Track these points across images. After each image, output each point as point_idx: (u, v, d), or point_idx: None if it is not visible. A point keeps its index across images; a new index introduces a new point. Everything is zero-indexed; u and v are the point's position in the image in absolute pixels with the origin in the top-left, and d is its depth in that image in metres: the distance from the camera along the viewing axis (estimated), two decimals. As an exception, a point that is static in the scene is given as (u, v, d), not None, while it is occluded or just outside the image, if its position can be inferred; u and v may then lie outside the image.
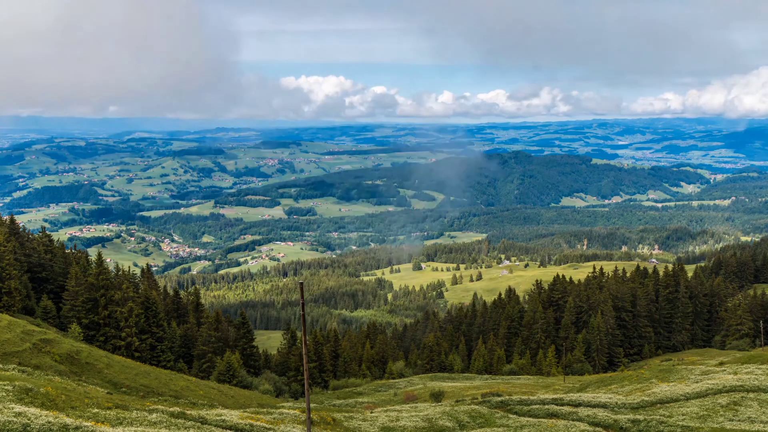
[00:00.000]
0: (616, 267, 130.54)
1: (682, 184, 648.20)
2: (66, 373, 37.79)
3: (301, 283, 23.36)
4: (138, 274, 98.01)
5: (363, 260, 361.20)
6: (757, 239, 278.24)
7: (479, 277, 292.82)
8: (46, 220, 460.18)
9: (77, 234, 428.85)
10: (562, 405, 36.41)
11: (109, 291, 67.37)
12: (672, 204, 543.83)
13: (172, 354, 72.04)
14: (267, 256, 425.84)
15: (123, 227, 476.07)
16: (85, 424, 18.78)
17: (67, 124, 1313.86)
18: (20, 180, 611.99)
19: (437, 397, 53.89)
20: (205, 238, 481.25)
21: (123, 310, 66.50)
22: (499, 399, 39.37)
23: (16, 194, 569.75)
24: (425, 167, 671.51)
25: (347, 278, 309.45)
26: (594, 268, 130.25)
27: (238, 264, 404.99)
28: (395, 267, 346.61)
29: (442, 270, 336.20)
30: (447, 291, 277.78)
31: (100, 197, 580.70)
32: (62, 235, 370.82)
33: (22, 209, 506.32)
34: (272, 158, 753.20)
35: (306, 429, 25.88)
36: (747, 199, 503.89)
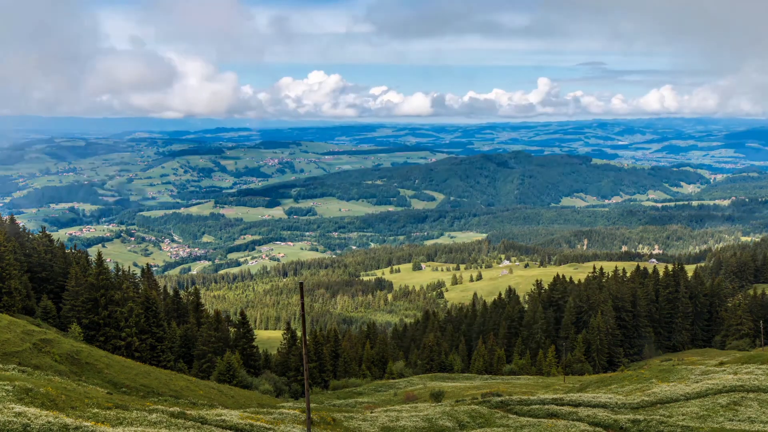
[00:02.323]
0: (616, 267, 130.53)
1: (682, 184, 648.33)
2: (66, 373, 37.79)
3: (301, 283, 23.35)
4: (138, 274, 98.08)
5: (363, 260, 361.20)
6: (757, 239, 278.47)
7: (479, 277, 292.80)
8: (46, 220, 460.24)
9: (77, 234, 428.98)
10: (562, 405, 36.40)
11: (109, 291, 67.36)
12: (672, 204, 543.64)
13: (172, 354, 72.02)
14: (267, 256, 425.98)
15: (123, 227, 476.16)
16: (85, 424, 18.78)
17: (67, 124, 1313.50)
18: (20, 180, 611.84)
19: (437, 397, 53.89)
20: (205, 238, 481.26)
21: (123, 310, 66.51)
22: (499, 399, 39.36)
23: (16, 194, 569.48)
24: (425, 167, 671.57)
25: (347, 278, 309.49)
26: (594, 268, 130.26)
27: (238, 264, 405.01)
28: (395, 267, 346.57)
29: (442, 270, 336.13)
30: (447, 291, 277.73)
31: (100, 197, 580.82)
32: (62, 235, 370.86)
33: (22, 209, 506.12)
34: (272, 158, 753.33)
35: (306, 429, 25.88)
36: (747, 199, 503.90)
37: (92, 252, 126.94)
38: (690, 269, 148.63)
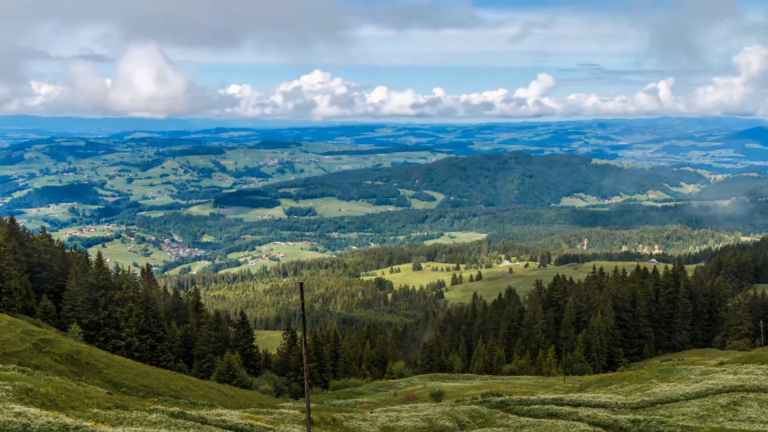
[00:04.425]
0: (616, 267, 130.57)
1: (682, 184, 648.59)
2: (66, 373, 37.79)
3: (301, 283, 23.36)
4: (138, 274, 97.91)
5: (363, 260, 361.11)
6: (757, 239, 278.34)
7: (479, 277, 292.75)
8: (46, 220, 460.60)
9: (77, 234, 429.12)
10: (562, 405, 36.40)
11: (109, 291, 67.35)
12: (672, 204, 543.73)
13: (172, 354, 72.01)
14: (267, 256, 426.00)
15: (123, 227, 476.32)
16: (85, 424, 18.79)
17: (67, 124, 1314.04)
18: (20, 180, 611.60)
19: (437, 397, 53.88)
20: (205, 238, 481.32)
21: (123, 310, 66.49)
22: (499, 399, 39.36)
23: (16, 194, 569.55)
24: (425, 167, 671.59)
25: (347, 278, 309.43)
26: (594, 268, 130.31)
27: (238, 264, 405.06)
28: (395, 267, 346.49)
29: (442, 270, 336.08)
30: (447, 291, 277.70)
31: (100, 197, 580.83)
32: (62, 235, 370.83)
33: (22, 209, 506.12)
34: (272, 158, 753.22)
35: (306, 429, 25.88)
36: (747, 199, 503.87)
37: (92, 252, 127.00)
38: (690, 269, 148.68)
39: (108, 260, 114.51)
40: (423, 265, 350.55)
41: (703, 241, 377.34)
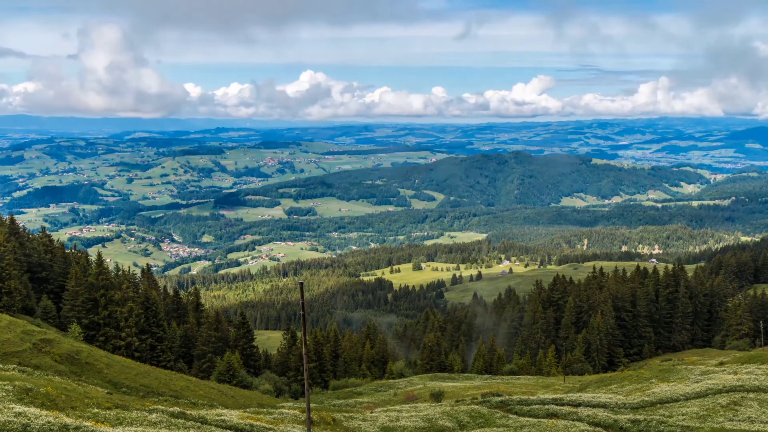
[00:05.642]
0: (616, 267, 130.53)
1: (682, 184, 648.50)
2: (66, 373, 37.77)
3: (301, 283, 23.36)
4: (138, 274, 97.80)
5: (363, 260, 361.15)
6: (757, 239, 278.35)
7: (479, 277, 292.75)
8: (46, 220, 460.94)
9: (77, 234, 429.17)
10: (562, 405, 36.39)
11: (109, 291, 67.33)
12: (672, 204, 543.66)
13: (172, 354, 71.94)
14: (267, 256, 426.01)
15: (123, 227, 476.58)
16: (85, 424, 18.78)
17: (67, 124, 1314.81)
18: (20, 180, 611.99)
19: (437, 397, 53.87)
20: (205, 238, 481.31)
21: (123, 310, 66.46)
22: (499, 399, 39.35)
23: (16, 194, 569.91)
24: (425, 167, 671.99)
25: (347, 278, 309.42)
26: (594, 268, 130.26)
27: (238, 264, 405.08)
28: (395, 267, 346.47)
29: (442, 270, 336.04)
30: (447, 291, 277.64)
31: (100, 197, 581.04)
32: (62, 235, 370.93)
33: (22, 209, 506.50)
34: (272, 158, 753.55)
35: (306, 429, 25.88)
36: (747, 199, 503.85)
37: (92, 252, 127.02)
38: (690, 269, 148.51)
39: (108, 260, 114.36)
40: (423, 265, 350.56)
41: (703, 241, 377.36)
